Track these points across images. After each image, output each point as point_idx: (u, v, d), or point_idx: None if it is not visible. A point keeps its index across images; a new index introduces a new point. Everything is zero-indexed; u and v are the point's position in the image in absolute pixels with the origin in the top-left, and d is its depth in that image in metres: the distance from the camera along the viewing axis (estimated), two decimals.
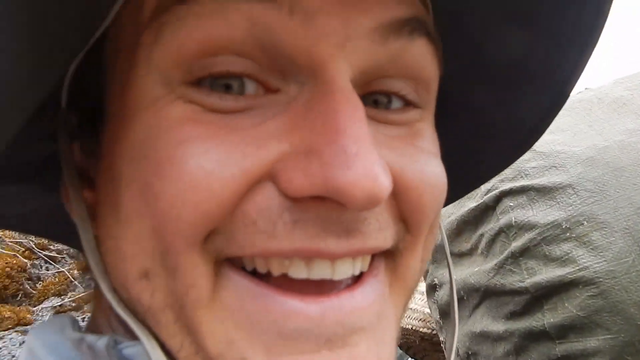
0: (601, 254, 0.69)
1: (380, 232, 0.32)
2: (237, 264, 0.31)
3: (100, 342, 0.32)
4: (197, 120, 0.29)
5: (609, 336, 0.67)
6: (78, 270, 2.88)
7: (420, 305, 1.72)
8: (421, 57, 0.33)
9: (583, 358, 0.69)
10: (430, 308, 1.28)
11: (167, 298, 0.30)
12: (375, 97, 0.34)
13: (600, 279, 0.68)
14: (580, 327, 0.70)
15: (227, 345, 0.30)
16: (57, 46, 0.27)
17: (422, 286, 1.62)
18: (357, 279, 0.33)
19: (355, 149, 0.27)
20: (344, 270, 0.32)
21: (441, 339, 1.23)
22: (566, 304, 0.71)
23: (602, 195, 0.74)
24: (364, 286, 0.33)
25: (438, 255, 1.14)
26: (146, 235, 0.30)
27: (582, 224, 0.73)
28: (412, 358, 2.24)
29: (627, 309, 0.66)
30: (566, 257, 0.73)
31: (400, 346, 2.05)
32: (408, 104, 0.35)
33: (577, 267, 0.71)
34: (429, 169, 0.34)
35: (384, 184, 0.28)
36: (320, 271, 0.31)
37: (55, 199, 0.41)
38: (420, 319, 1.75)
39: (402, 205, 0.33)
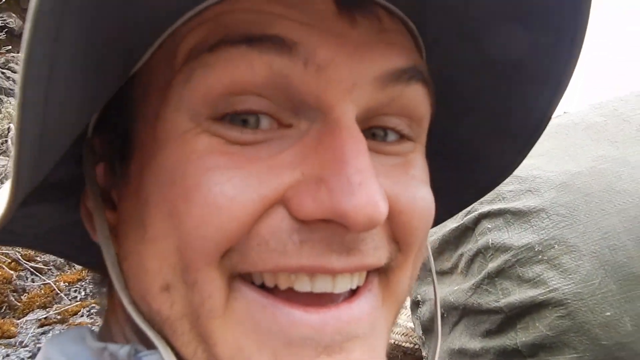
0: (570, 276, 0.74)
1: (376, 250, 0.36)
2: (247, 279, 0.35)
3: (123, 350, 0.36)
4: (220, 151, 0.33)
5: (576, 355, 0.71)
6: (64, 282, 2.89)
7: (403, 320, 1.76)
8: (415, 99, 0.38)
9: None
10: (413, 323, 1.32)
11: (184, 309, 0.34)
12: (374, 131, 0.38)
13: (569, 301, 0.73)
14: (550, 346, 0.74)
15: (236, 351, 0.34)
16: (99, 87, 0.32)
17: (406, 301, 1.66)
18: (353, 293, 0.37)
19: (359, 179, 0.32)
20: (344, 284, 0.36)
21: (424, 354, 1.27)
22: (537, 324, 0.76)
23: (573, 219, 0.79)
24: (360, 299, 0.37)
25: (421, 273, 1.19)
26: (170, 252, 0.34)
27: (554, 247, 0.78)
28: None
29: (592, 329, 0.70)
30: (538, 278, 0.78)
31: None
32: (402, 137, 0.40)
33: (548, 289, 0.76)
34: (419, 195, 0.39)
35: (383, 210, 0.32)
36: (323, 285, 0.35)
37: (66, 218, 0.45)
38: (404, 334, 1.79)
39: (395, 227, 0.37)
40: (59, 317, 2.65)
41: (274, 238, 0.33)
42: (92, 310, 2.71)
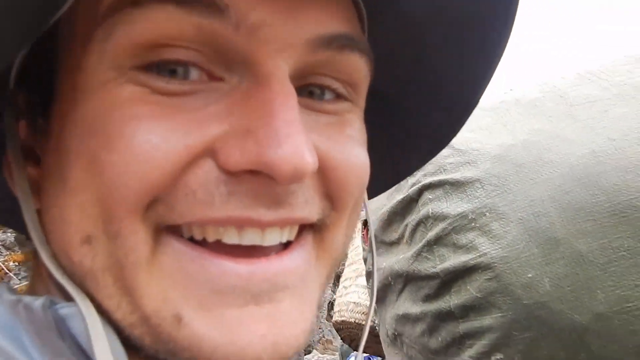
0: (498, 241, 0.82)
1: (306, 205, 0.37)
2: (175, 231, 0.35)
3: (37, 302, 0.35)
4: (145, 100, 0.33)
5: (500, 314, 0.79)
6: (14, 262, 2.87)
7: (363, 299, 1.84)
8: (349, 66, 0.40)
9: (480, 334, 0.82)
10: (369, 295, 1.39)
11: (107, 261, 0.34)
12: (311, 89, 0.40)
13: (496, 264, 0.80)
14: (478, 307, 0.82)
15: (162, 302, 0.34)
16: (13, 33, 0.31)
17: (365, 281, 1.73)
18: (286, 247, 0.39)
19: (286, 131, 0.33)
20: (273, 237, 0.37)
21: (376, 322, 1.34)
22: (468, 287, 0.83)
23: (504, 189, 0.87)
24: (292, 253, 0.38)
25: (375, 244, 1.26)
26: (91, 204, 0.33)
27: (485, 214, 0.85)
28: (355, 350, 2.37)
29: (515, 290, 0.78)
30: (470, 244, 0.85)
31: (344, 339, 2.17)
32: (339, 96, 0.41)
33: (478, 254, 0.83)
34: (353, 153, 0.40)
35: (309, 161, 0.33)
36: (251, 237, 0.36)
37: None
38: (363, 312, 1.87)
39: (328, 183, 0.39)
40: None
41: (201, 189, 0.34)
42: None
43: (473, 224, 0.86)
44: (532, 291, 0.76)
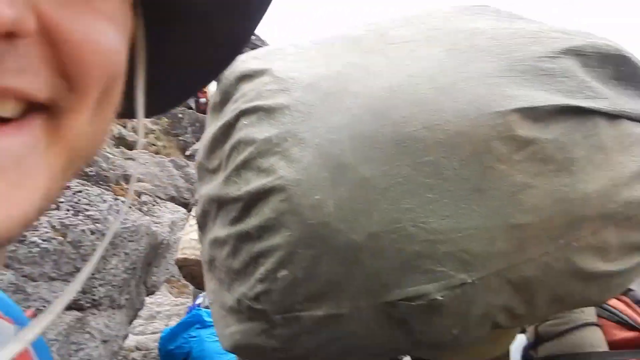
0: (294, 165, 0.85)
1: (23, 75, 0.33)
2: None
3: None
4: None
5: (288, 233, 0.84)
6: None
7: None
8: None
9: (269, 253, 0.86)
10: None
11: None
12: None
13: (289, 186, 0.84)
14: (271, 227, 0.86)
15: None
16: None
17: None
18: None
19: None
20: None
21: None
22: (264, 209, 0.87)
23: (308, 116, 0.90)
24: (4, 130, 0.34)
25: (199, 173, 1.26)
26: None
27: (287, 140, 0.89)
28: (197, 288, 2.41)
29: (303, 211, 0.83)
30: (271, 168, 0.88)
31: (185, 276, 2.19)
32: None
33: (276, 177, 0.86)
34: (97, 28, 0.36)
35: (5, 14, 0.29)
36: None
37: None
38: None
39: (61, 57, 0.35)
40: None
41: None
42: None
43: (275, 149, 0.89)
44: (317, 212, 0.82)
